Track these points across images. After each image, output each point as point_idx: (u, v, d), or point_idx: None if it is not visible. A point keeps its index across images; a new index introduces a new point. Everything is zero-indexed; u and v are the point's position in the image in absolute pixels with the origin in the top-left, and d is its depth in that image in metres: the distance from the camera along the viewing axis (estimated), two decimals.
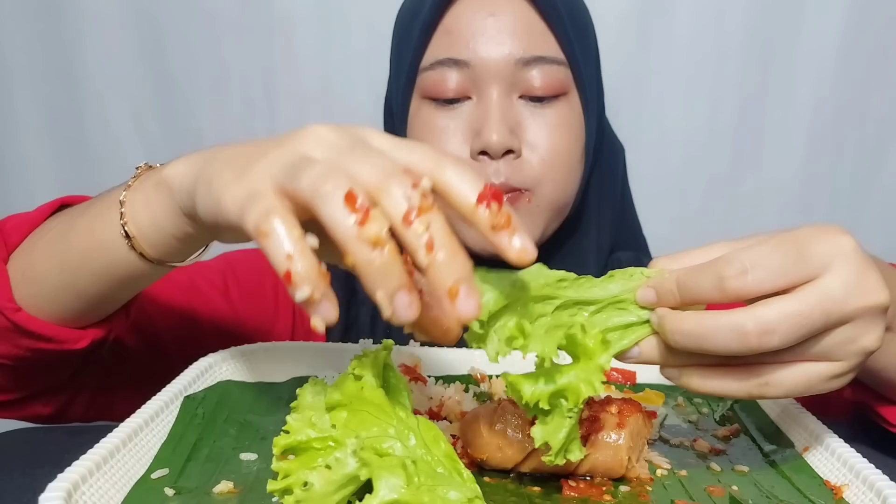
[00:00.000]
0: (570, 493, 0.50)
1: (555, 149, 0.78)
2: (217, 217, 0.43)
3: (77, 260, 0.56)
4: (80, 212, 0.58)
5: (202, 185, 0.45)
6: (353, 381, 0.44)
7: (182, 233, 0.51)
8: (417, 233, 0.37)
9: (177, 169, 0.50)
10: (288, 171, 0.39)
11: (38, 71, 1.15)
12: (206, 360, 0.67)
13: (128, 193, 0.53)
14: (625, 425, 0.51)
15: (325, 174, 0.38)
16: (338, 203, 0.37)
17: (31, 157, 1.19)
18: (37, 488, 0.42)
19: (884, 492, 0.47)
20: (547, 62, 0.77)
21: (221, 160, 0.45)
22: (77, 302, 0.58)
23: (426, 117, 0.79)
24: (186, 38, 1.14)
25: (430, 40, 0.78)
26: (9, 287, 0.58)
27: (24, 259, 0.59)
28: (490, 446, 0.51)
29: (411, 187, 0.38)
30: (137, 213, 0.52)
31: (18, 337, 0.59)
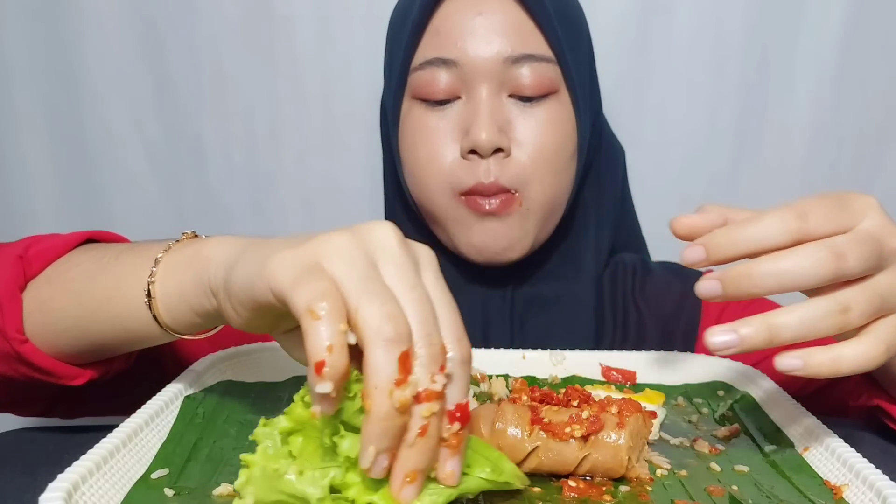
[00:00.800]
0: (569, 493, 0.50)
1: (543, 146, 0.78)
2: (257, 283, 0.42)
3: (96, 305, 0.56)
4: (115, 255, 0.58)
5: (248, 254, 0.45)
6: (304, 408, 0.42)
7: (202, 308, 0.51)
8: (422, 413, 0.39)
9: (217, 250, 0.50)
10: (357, 282, 0.39)
11: (38, 71, 1.15)
12: (206, 360, 0.67)
13: (165, 256, 0.54)
14: (625, 425, 0.51)
15: (392, 315, 0.38)
16: (391, 357, 0.37)
17: (30, 157, 1.19)
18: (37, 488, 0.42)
19: (884, 492, 0.47)
20: (536, 60, 0.77)
21: (275, 240, 0.45)
22: (84, 343, 0.58)
23: (417, 118, 0.80)
24: (186, 38, 1.14)
25: (420, 40, 0.79)
26: (20, 317, 0.58)
27: (45, 290, 0.58)
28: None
29: (439, 371, 0.39)
30: (167, 278, 0.53)
31: (18, 364, 0.59)
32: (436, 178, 0.79)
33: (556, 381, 0.71)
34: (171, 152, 1.19)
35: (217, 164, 1.19)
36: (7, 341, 0.58)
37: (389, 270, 0.41)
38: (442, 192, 0.79)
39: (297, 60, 1.15)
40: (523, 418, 0.52)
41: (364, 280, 0.39)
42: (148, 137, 1.18)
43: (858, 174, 1.22)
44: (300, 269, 0.39)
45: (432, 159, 0.78)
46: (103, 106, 1.16)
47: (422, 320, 0.40)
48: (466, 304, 0.86)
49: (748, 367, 0.71)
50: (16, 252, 0.59)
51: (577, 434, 0.51)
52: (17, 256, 0.59)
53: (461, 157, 0.77)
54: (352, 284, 0.39)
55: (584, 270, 0.88)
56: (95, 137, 1.18)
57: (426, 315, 0.40)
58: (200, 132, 1.18)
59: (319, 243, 0.41)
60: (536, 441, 0.51)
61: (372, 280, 0.40)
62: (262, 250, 0.44)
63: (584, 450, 0.51)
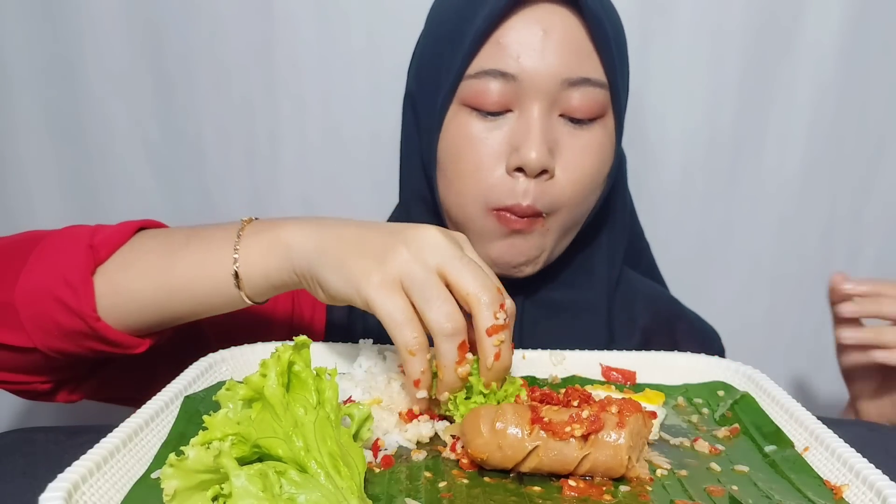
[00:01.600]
0: (570, 492, 0.50)
1: (584, 171, 0.78)
2: (354, 296, 0.59)
3: (178, 285, 0.66)
4: (182, 242, 0.68)
5: (332, 263, 0.61)
6: (261, 377, 0.48)
7: (283, 284, 0.65)
8: (493, 343, 0.58)
9: (295, 237, 0.63)
10: (419, 294, 0.57)
11: (38, 71, 1.15)
12: (206, 360, 0.67)
13: (241, 242, 0.65)
14: (625, 425, 0.51)
15: (449, 315, 0.57)
16: (453, 347, 0.57)
17: (30, 156, 1.18)
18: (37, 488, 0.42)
19: (884, 492, 0.47)
20: (591, 84, 0.76)
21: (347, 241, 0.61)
22: (157, 317, 0.69)
23: (464, 124, 0.78)
24: (186, 37, 1.14)
25: (480, 49, 0.77)
26: (94, 298, 0.66)
27: (119, 275, 0.67)
28: (490, 445, 0.52)
29: (499, 307, 0.58)
30: (250, 262, 0.65)
31: (87, 340, 0.68)
32: (474, 190, 0.78)
33: (556, 381, 0.71)
34: (171, 152, 1.19)
35: (217, 164, 1.19)
36: (83, 320, 0.66)
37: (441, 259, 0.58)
38: (476, 203, 0.78)
39: (297, 60, 1.15)
40: (523, 418, 0.52)
41: (425, 288, 0.57)
42: (148, 137, 1.18)
43: (858, 175, 1.22)
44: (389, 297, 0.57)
45: (476, 171, 0.78)
46: (103, 106, 1.16)
47: (476, 276, 0.58)
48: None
49: (748, 368, 0.71)
50: (84, 242, 0.68)
51: (577, 433, 0.51)
52: (88, 246, 0.67)
53: (506, 172, 0.77)
54: (419, 295, 0.57)
55: (598, 279, 0.89)
56: (95, 137, 1.18)
57: (480, 273, 0.58)
58: (200, 132, 1.18)
59: (393, 263, 0.58)
60: (537, 440, 0.51)
61: (430, 286, 0.57)
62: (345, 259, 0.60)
63: (585, 449, 0.51)
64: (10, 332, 0.67)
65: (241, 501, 0.41)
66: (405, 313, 0.57)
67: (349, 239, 0.62)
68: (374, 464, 0.54)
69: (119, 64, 1.14)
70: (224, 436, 0.44)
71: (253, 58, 1.15)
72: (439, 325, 0.56)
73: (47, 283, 0.66)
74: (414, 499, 0.49)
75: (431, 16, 0.86)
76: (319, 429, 0.47)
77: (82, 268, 0.66)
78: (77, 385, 0.77)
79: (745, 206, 1.24)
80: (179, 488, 0.43)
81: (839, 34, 1.15)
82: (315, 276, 0.62)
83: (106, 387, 0.80)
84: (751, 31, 1.15)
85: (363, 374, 0.65)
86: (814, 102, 1.18)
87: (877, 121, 1.20)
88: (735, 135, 1.20)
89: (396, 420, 0.59)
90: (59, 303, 0.66)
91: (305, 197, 1.22)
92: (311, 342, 0.52)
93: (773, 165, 1.21)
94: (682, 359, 0.74)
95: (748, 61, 1.16)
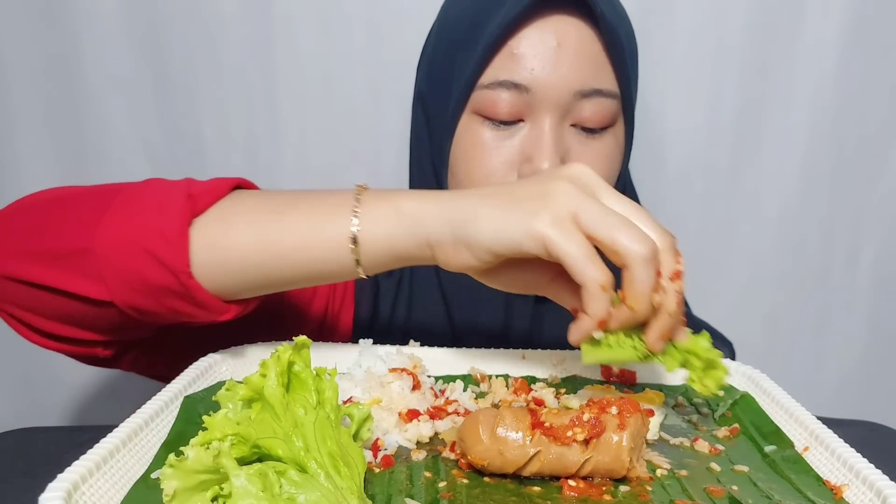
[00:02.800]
0: (569, 492, 0.50)
1: None
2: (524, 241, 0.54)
3: (286, 247, 0.61)
4: (290, 203, 0.63)
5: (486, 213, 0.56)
6: (259, 379, 0.48)
7: (409, 255, 0.60)
8: (676, 289, 0.54)
9: (422, 207, 0.59)
10: (602, 222, 0.53)
11: (37, 70, 1.14)
12: (206, 360, 0.67)
13: (360, 206, 0.60)
14: (626, 427, 0.51)
15: (640, 238, 0.53)
16: (651, 272, 0.53)
17: (29, 156, 1.18)
18: (37, 488, 0.42)
19: (884, 492, 0.47)
20: (603, 95, 0.76)
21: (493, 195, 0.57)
22: (256, 281, 0.63)
23: (476, 134, 0.78)
24: (186, 37, 1.14)
25: (491, 59, 0.77)
26: (188, 253, 0.60)
27: (217, 231, 0.61)
28: (491, 452, 0.51)
29: (677, 256, 0.55)
30: (374, 229, 0.60)
31: (173, 298, 0.62)
32: None
33: (556, 381, 0.71)
34: (171, 152, 1.19)
35: (217, 164, 1.19)
36: (174, 275, 0.60)
37: (608, 198, 0.55)
38: None
39: (297, 60, 1.15)
40: (524, 422, 0.52)
41: (604, 215, 0.53)
42: (148, 137, 1.18)
43: (858, 174, 1.22)
44: (568, 233, 0.53)
45: (487, 178, 0.77)
46: (103, 106, 1.16)
47: (650, 219, 0.55)
48: (489, 304, 0.85)
49: (748, 367, 0.71)
50: (182, 192, 0.62)
51: (579, 438, 0.50)
52: (186, 195, 0.62)
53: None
54: (599, 222, 0.53)
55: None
56: (95, 137, 1.17)
57: (650, 216, 0.55)
58: (200, 132, 1.18)
59: (562, 198, 0.54)
60: (538, 446, 0.51)
61: (609, 214, 0.53)
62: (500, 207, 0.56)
63: (587, 453, 0.51)
64: (87, 282, 0.61)
65: (241, 501, 0.41)
66: (588, 247, 0.53)
67: (494, 193, 0.58)
68: (374, 464, 0.54)
69: (119, 64, 1.14)
70: (224, 436, 0.44)
71: (253, 58, 1.15)
72: (633, 250, 0.52)
73: (136, 232, 0.60)
74: (414, 499, 0.49)
75: (443, 16, 0.85)
76: (319, 429, 0.47)
77: (179, 218, 0.60)
78: (139, 354, 0.73)
79: (744, 206, 1.24)
80: (179, 488, 0.43)
81: (839, 34, 1.15)
82: (464, 234, 0.56)
83: (157, 360, 0.75)
84: (751, 31, 1.15)
85: (363, 374, 0.65)
86: (814, 102, 1.18)
87: (877, 120, 1.20)
88: (735, 134, 1.20)
89: (396, 420, 0.59)
90: (150, 255, 0.60)
91: None
92: (310, 342, 0.52)
93: (773, 165, 1.21)
94: None
95: (748, 61, 1.16)
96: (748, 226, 1.25)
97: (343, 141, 1.19)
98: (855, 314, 1.28)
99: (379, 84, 1.16)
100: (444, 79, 0.81)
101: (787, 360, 1.30)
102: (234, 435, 0.45)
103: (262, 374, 0.48)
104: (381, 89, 1.16)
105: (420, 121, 0.87)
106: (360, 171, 1.20)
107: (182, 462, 0.43)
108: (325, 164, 1.20)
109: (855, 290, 1.27)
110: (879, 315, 1.28)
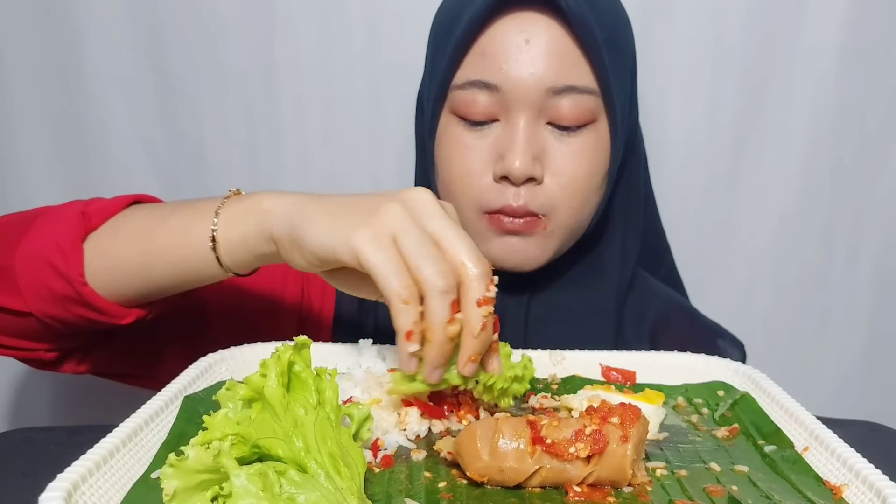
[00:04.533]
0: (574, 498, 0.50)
1: (575, 176, 0.77)
2: (340, 249, 0.56)
3: (160, 250, 0.67)
4: (170, 211, 0.69)
5: (317, 216, 0.59)
6: (260, 379, 0.48)
7: (260, 252, 0.64)
8: (483, 314, 0.55)
9: (276, 203, 0.62)
10: (414, 250, 0.55)
11: (38, 71, 1.15)
12: (206, 360, 0.67)
13: (223, 209, 0.65)
14: (628, 439, 0.50)
15: (444, 272, 0.55)
16: (445, 304, 0.54)
17: (30, 157, 1.18)
18: (37, 488, 0.42)
19: (884, 492, 0.47)
20: (578, 92, 0.75)
21: (333, 202, 0.60)
22: (142, 284, 0.69)
23: (454, 135, 0.79)
24: (186, 37, 1.14)
25: (463, 58, 0.77)
26: (82, 263, 0.67)
27: (107, 241, 0.68)
28: (491, 469, 0.50)
29: (489, 284, 0.56)
30: (229, 226, 0.64)
31: (75, 305, 0.69)
32: (465, 195, 0.79)
33: (556, 380, 0.71)
34: (172, 152, 1.19)
35: (217, 165, 1.19)
36: (70, 283, 0.67)
37: (435, 225, 0.57)
38: (470, 207, 0.79)
39: (297, 60, 1.15)
40: (524, 436, 0.51)
41: (420, 245, 0.55)
42: (148, 137, 1.18)
43: (858, 174, 1.22)
44: (381, 249, 0.55)
45: (465, 176, 0.78)
46: (104, 107, 1.16)
47: (471, 247, 0.57)
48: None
49: (748, 367, 0.71)
50: (77, 209, 0.69)
51: (582, 454, 0.50)
52: (80, 212, 0.69)
53: (493, 181, 0.77)
54: (413, 249, 0.55)
55: (608, 280, 0.87)
56: (96, 138, 1.18)
57: (473, 244, 0.57)
58: (200, 132, 1.18)
59: (386, 218, 0.56)
60: (539, 462, 0.50)
61: (425, 244, 0.55)
62: (332, 215, 0.58)
63: (589, 468, 0.50)
64: (9, 296, 0.69)
65: (241, 501, 0.41)
66: (397, 264, 0.55)
67: (335, 200, 0.61)
68: (374, 464, 0.54)
69: (120, 65, 1.14)
70: (224, 436, 0.44)
71: (253, 58, 1.15)
72: (433, 282, 0.54)
73: (42, 248, 0.68)
74: (413, 499, 0.49)
75: (433, 20, 0.86)
76: (319, 429, 0.47)
77: (73, 233, 0.68)
78: (83, 357, 0.78)
79: (745, 206, 1.24)
80: (179, 488, 0.43)
81: (839, 34, 1.15)
82: (297, 235, 0.59)
83: (111, 361, 0.81)
84: (751, 32, 1.15)
85: (363, 374, 0.65)
86: (814, 102, 1.18)
87: (877, 120, 1.20)
88: (735, 135, 1.20)
89: (396, 420, 0.59)
90: (51, 267, 0.67)
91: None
92: (311, 342, 0.52)
93: (773, 165, 1.21)
94: (682, 359, 0.74)
95: (748, 61, 1.16)
96: (748, 226, 1.25)
97: (343, 141, 1.19)
98: (855, 314, 1.28)
99: (379, 84, 1.16)
100: (427, 81, 0.82)
101: (787, 360, 1.30)
102: (234, 435, 0.45)
103: (263, 373, 0.48)
104: (381, 89, 1.16)
105: (418, 122, 0.88)
106: (360, 171, 1.20)
107: (182, 462, 0.43)
108: (325, 163, 1.20)
109: (855, 290, 1.27)
110: (879, 315, 1.28)
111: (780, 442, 0.59)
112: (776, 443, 0.59)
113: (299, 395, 0.49)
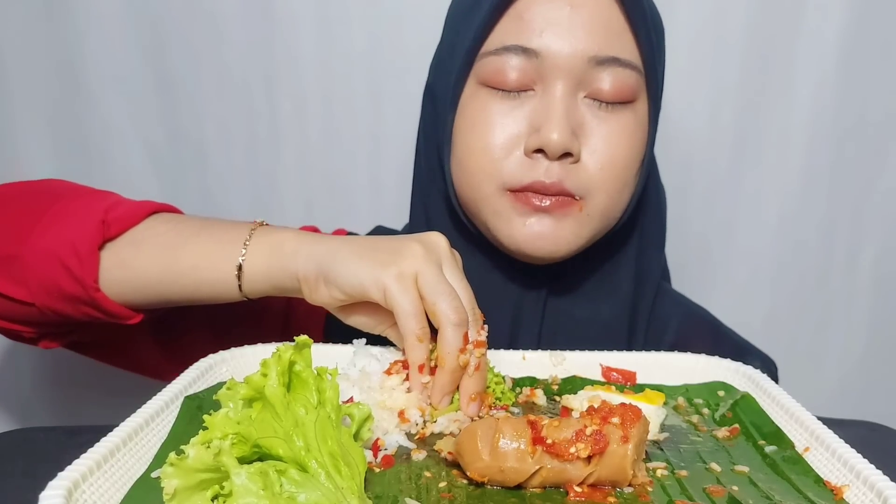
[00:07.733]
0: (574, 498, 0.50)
1: (615, 158, 0.73)
2: (370, 287, 0.63)
3: (182, 270, 0.70)
4: (194, 231, 0.71)
5: (346, 258, 0.64)
6: (260, 378, 0.48)
7: (283, 287, 0.68)
8: (477, 355, 0.63)
9: (301, 245, 0.67)
10: (433, 286, 0.62)
11: (38, 71, 1.15)
12: (207, 361, 0.67)
13: (251, 242, 0.69)
14: (629, 439, 0.50)
15: (458, 308, 0.62)
16: (458, 335, 0.62)
17: (32, 156, 1.18)
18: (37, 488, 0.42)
19: (885, 492, 0.47)
20: (621, 65, 0.71)
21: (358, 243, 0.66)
22: (156, 296, 0.72)
23: (482, 103, 0.73)
24: (187, 37, 1.14)
25: (497, 23, 0.72)
26: (97, 270, 0.69)
27: (126, 252, 0.70)
28: (491, 469, 0.50)
29: (481, 330, 0.64)
30: (255, 260, 0.68)
31: (83, 306, 0.71)
32: (487, 168, 0.73)
33: (556, 381, 0.71)
34: (172, 152, 1.19)
35: (217, 165, 1.19)
36: (82, 287, 0.69)
37: (448, 269, 0.65)
38: (490, 183, 0.74)
39: (298, 61, 1.15)
40: (524, 436, 0.51)
41: (437, 283, 0.62)
42: (148, 137, 1.18)
43: (858, 174, 1.22)
44: (405, 291, 0.62)
45: (486, 149, 0.73)
46: (105, 107, 1.16)
47: (470, 299, 0.65)
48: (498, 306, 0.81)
49: (748, 368, 0.71)
50: (98, 216, 0.70)
51: (582, 454, 0.50)
52: (101, 220, 0.70)
53: (524, 154, 0.72)
54: (431, 287, 0.62)
55: (621, 295, 0.83)
56: (96, 137, 1.18)
57: (472, 296, 0.65)
58: (201, 132, 1.18)
59: (409, 259, 0.63)
60: (540, 462, 0.50)
61: (442, 283, 0.63)
62: (359, 256, 0.64)
63: (590, 468, 0.50)
64: (13, 285, 0.71)
65: (242, 499, 0.41)
66: (418, 307, 0.62)
67: (359, 242, 0.66)
68: (375, 464, 0.54)
69: (121, 65, 1.14)
70: (224, 435, 0.44)
71: (254, 58, 1.15)
72: (447, 316, 0.61)
73: (57, 247, 0.69)
74: (414, 499, 0.49)
75: (450, 7, 0.82)
76: (320, 428, 0.47)
77: (91, 238, 0.69)
78: (58, 336, 0.80)
79: (745, 206, 1.24)
80: (179, 487, 0.43)
81: (839, 34, 1.15)
82: (325, 272, 0.65)
83: (86, 343, 0.84)
84: (751, 31, 1.15)
85: (358, 374, 0.65)
86: (814, 102, 1.18)
87: (877, 120, 1.20)
88: (735, 134, 1.20)
89: (396, 420, 0.59)
90: (65, 268, 0.69)
91: (306, 197, 1.22)
92: (311, 342, 0.52)
93: (774, 165, 1.21)
94: (682, 359, 0.74)
95: (748, 61, 1.16)
96: (748, 226, 1.25)
97: (343, 140, 1.19)
98: (855, 314, 1.28)
99: (379, 84, 1.16)
100: (450, 53, 0.77)
101: (787, 360, 1.29)
102: (234, 434, 0.45)
103: (263, 373, 0.48)
104: (381, 89, 1.16)
105: (427, 112, 0.83)
106: (359, 171, 1.20)
107: (183, 461, 0.43)
108: (325, 163, 1.20)
109: (855, 290, 1.27)
110: (879, 315, 1.29)
111: (780, 442, 0.59)
112: (777, 443, 0.59)
113: (300, 394, 0.49)
